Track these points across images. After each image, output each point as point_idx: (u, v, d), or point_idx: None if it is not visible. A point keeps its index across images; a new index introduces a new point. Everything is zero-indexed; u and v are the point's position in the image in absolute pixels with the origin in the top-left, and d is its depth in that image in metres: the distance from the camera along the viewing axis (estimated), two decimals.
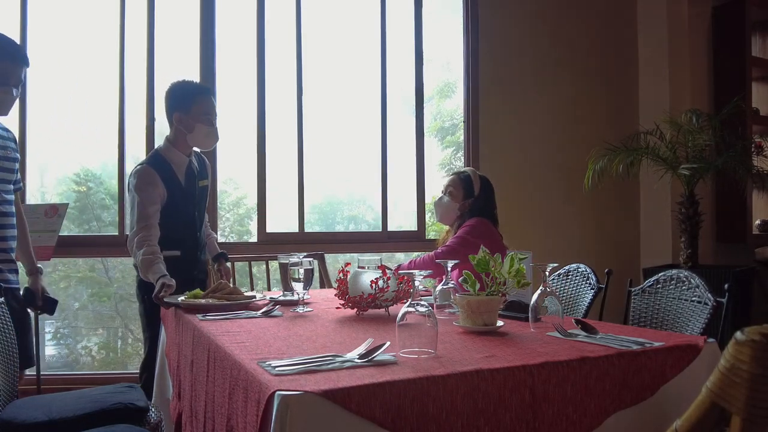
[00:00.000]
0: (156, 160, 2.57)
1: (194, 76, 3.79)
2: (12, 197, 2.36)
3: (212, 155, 3.78)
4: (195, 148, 2.67)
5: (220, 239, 4.11)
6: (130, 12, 3.67)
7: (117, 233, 3.66)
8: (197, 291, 2.25)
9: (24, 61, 2.27)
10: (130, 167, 3.74)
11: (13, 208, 2.34)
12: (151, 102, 3.67)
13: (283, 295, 2.30)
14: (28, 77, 3.50)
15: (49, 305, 2.44)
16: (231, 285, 2.33)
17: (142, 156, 3.68)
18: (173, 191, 2.54)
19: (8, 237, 2.31)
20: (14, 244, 2.34)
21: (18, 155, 2.42)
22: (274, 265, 3.30)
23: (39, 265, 2.49)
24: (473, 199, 2.76)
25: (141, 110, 3.68)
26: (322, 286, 3.31)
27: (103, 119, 3.83)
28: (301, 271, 2.03)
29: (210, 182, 2.79)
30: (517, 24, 4.34)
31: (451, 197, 2.78)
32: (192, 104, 2.56)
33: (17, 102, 3.45)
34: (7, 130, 2.38)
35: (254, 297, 2.26)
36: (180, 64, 4.15)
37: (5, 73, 2.24)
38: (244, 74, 3.94)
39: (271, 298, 2.30)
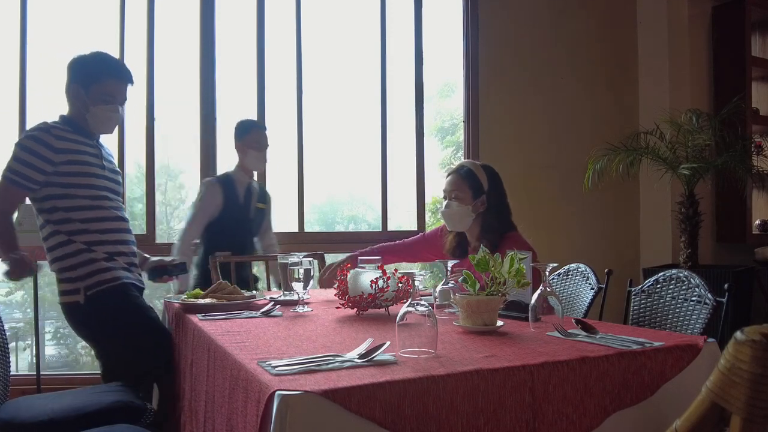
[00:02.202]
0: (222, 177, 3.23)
1: (194, 75, 3.80)
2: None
3: (212, 155, 3.78)
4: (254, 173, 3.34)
5: None
6: (130, 12, 3.67)
7: None
8: (197, 291, 2.25)
9: (129, 79, 2.34)
10: (130, 167, 3.76)
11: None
12: (151, 102, 3.67)
13: (283, 295, 2.30)
14: (28, 77, 3.51)
15: (179, 267, 2.53)
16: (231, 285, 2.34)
17: (141, 157, 3.70)
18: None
19: (131, 241, 2.40)
20: (135, 247, 2.45)
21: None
22: (274, 265, 3.29)
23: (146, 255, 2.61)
24: (485, 195, 2.40)
25: (141, 110, 3.68)
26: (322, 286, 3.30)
27: None
28: (301, 271, 2.03)
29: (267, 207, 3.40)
30: (517, 24, 4.34)
31: (460, 201, 2.38)
32: (245, 134, 3.22)
33: (17, 102, 3.48)
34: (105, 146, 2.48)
35: (254, 297, 2.26)
36: (180, 64, 4.15)
37: (112, 91, 2.31)
38: (244, 74, 3.94)
39: (271, 298, 2.30)
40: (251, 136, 3.21)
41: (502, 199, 2.45)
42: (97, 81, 2.30)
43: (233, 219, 3.17)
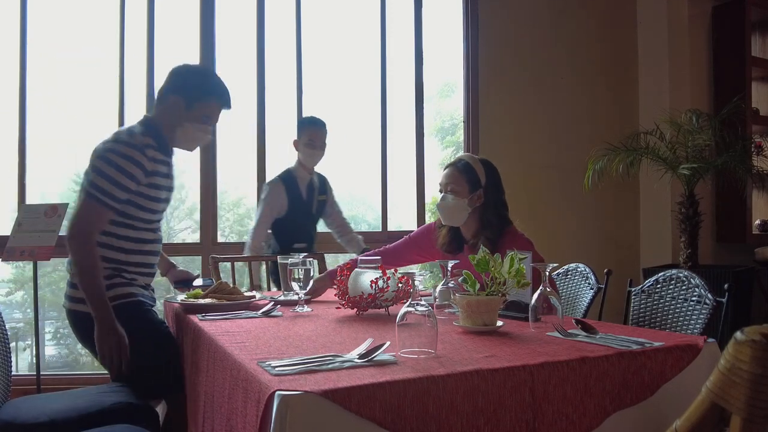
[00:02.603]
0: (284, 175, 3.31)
1: None
2: None
3: (212, 155, 3.78)
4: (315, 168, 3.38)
5: (220, 239, 4.11)
6: (130, 12, 3.66)
7: None
8: (197, 291, 2.25)
9: (229, 105, 2.23)
10: None
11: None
12: (151, 102, 3.67)
13: (284, 295, 2.30)
14: (28, 76, 3.51)
15: (205, 283, 2.48)
16: (232, 285, 2.34)
17: None
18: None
19: (156, 263, 2.29)
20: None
21: None
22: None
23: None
24: (482, 189, 2.32)
25: (141, 110, 3.68)
26: None
27: (103, 119, 3.83)
28: (301, 271, 2.03)
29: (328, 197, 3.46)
30: (517, 24, 4.34)
31: (456, 195, 2.31)
32: (301, 132, 3.31)
33: (17, 102, 3.48)
34: None
35: (254, 297, 2.26)
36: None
37: (212, 113, 2.20)
38: (244, 74, 3.94)
39: (271, 298, 2.30)
40: (305, 135, 3.29)
41: (500, 195, 2.38)
42: (202, 100, 2.16)
43: (298, 215, 3.30)
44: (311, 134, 3.29)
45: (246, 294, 2.28)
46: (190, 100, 2.14)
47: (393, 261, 2.49)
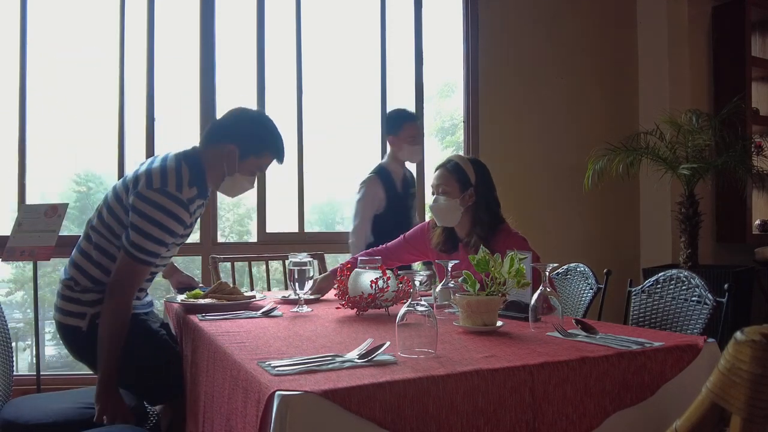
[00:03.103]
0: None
1: (194, 76, 3.80)
2: None
3: None
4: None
5: (220, 239, 4.11)
6: (130, 12, 3.66)
7: None
8: (197, 291, 2.25)
9: (282, 160, 2.15)
10: (130, 167, 3.75)
11: None
12: (151, 102, 3.67)
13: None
14: (28, 76, 3.51)
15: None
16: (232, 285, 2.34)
17: (141, 156, 3.69)
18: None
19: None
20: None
21: None
22: (273, 265, 3.30)
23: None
24: (473, 188, 2.35)
25: (141, 110, 3.68)
26: None
27: (103, 119, 3.83)
28: (300, 271, 2.03)
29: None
30: (517, 24, 4.34)
31: (447, 195, 2.34)
32: (399, 129, 3.26)
33: (17, 102, 3.48)
34: None
35: (254, 297, 2.26)
36: (180, 64, 4.15)
37: (263, 165, 2.14)
38: (244, 74, 3.94)
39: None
40: (406, 131, 3.25)
41: (491, 192, 2.40)
42: (259, 154, 2.08)
43: (395, 209, 3.29)
44: (413, 130, 3.27)
45: (246, 294, 2.28)
46: (246, 152, 2.06)
47: (388, 261, 2.52)
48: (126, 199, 1.97)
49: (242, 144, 2.05)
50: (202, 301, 2.15)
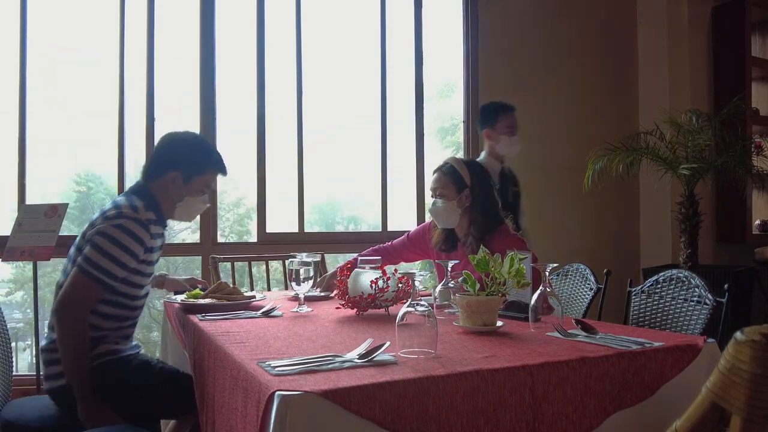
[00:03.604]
0: None
1: (194, 76, 3.80)
2: None
3: None
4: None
5: (220, 239, 4.12)
6: (130, 12, 3.66)
7: None
8: (197, 291, 2.25)
9: (225, 172, 2.18)
10: (129, 167, 3.75)
11: None
12: (151, 102, 3.67)
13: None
14: (28, 76, 3.51)
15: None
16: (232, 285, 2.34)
17: (141, 157, 3.69)
18: None
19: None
20: None
21: None
22: (273, 265, 3.30)
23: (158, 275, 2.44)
24: (468, 189, 2.40)
25: (141, 110, 3.68)
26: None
27: (103, 119, 3.83)
28: (300, 271, 2.03)
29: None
30: (516, 24, 4.34)
31: (445, 198, 2.40)
32: (495, 120, 3.15)
33: (17, 102, 3.48)
34: None
35: (254, 297, 2.25)
36: (180, 64, 4.15)
37: (210, 183, 2.16)
38: (244, 74, 3.94)
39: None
40: (503, 122, 3.14)
41: (487, 193, 2.44)
42: (202, 173, 2.11)
43: None
44: (510, 121, 3.15)
45: (246, 294, 2.28)
46: (190, 174, 2.09)
47: (391, 259, 2.60)
48: (85, 243, 1.95)
49: (183, 168, 2.08)
50: (202, 301, 2.15)
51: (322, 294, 2.41)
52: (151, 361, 2.07)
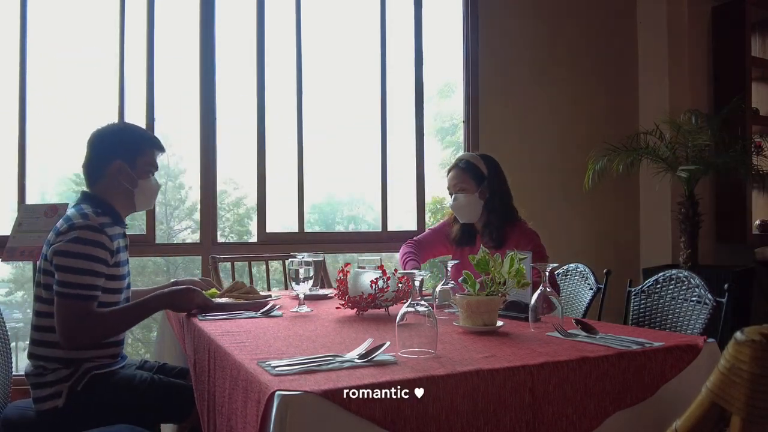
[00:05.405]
0: None
1: (194, 76, 3.80)
2: None
3: (212, 155, 3.78)
4: None
5: (220, 239, 4.12)
6: (129, 12, 3.66)
7: None
8: (213, 291, 2.24)
9: (163, 148, 2.16)
10: None
11: None
12: (151, 102, 3.67)
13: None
14: (28, 76, 3.51)
15: None
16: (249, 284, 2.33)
17: None
18: None
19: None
20: None
21: None
22: (273, 265, 3.30)
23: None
24: (486, 180, 2.46)
25: (141, 110, 3.68)
26: (321, 286, 3.31)
27: (103, 119, 3.83)
28: (300, 271, 2.03)
29: None
30: (517, 24, 4.34)
31: (466, 192, 2.45)
32: None
33: (17, 102, 3.48)
34: None
35: (270, 296, 2.25)
36: (180, 64, 4.16)
37: (154, 161, 2.12)
38: (244, 74, 3.94)
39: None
40: None
41: (502, 184, 2.51)
42: (142, 153, 2.07)
43: None
44: None
45: (262, 294, 2.28)
46: (132, 157, 2.05)
47: (427, 253, 2.65)
48: (50, 265, 1.89)
49: (122, 155, 2.04)
50: (219, 300, 2.13)
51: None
52: (139, 375, 2.00)
